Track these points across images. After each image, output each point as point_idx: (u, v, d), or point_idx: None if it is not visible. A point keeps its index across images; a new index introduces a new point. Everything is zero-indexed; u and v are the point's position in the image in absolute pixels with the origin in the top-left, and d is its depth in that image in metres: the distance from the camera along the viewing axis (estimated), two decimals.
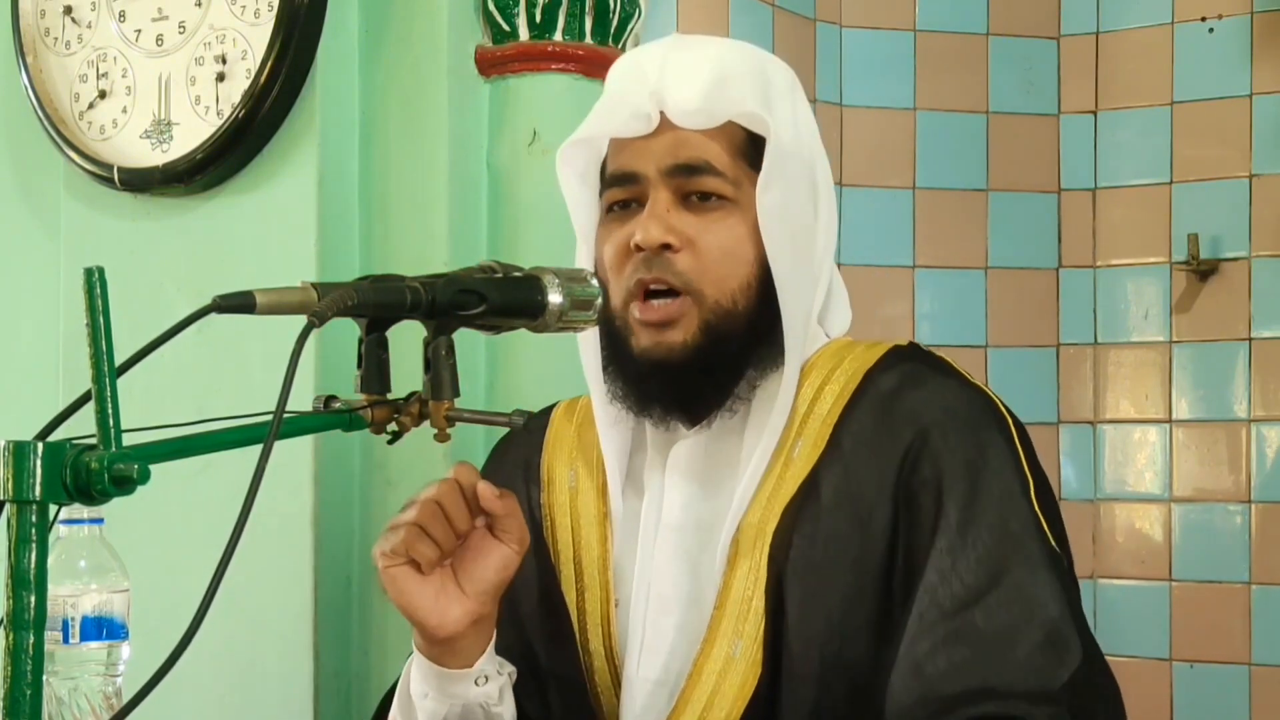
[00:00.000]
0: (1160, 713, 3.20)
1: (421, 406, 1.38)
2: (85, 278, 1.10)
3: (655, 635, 1.54)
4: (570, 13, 2.14)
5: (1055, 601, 1.42)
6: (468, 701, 1.51)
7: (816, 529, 1.49)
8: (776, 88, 1.56)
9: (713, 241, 1.51)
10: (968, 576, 1.41)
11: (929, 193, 3.27)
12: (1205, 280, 3.22)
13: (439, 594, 1.47)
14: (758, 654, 1.48)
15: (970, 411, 1.50)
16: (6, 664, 1.05)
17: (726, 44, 1.63)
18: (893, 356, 1.56)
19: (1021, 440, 1.51)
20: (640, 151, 1.54)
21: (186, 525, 2.06)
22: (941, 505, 1.44)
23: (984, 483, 1.45)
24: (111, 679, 1.40)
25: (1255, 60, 3.20)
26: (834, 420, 1.52)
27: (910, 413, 1.50)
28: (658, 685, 1.53)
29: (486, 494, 1.45)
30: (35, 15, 2.30)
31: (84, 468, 1.07)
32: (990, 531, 1.43)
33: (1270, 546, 3.16)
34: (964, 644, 1.39)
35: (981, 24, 3.32)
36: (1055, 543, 1.46)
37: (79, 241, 2.29)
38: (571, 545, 1.61)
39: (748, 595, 1.49)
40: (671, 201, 1.52)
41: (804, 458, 1.51)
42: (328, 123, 2.13)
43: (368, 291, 1.32)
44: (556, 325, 1.43)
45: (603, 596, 1.58)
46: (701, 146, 1.52)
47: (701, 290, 1.50)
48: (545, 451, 1.66)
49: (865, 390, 1.53)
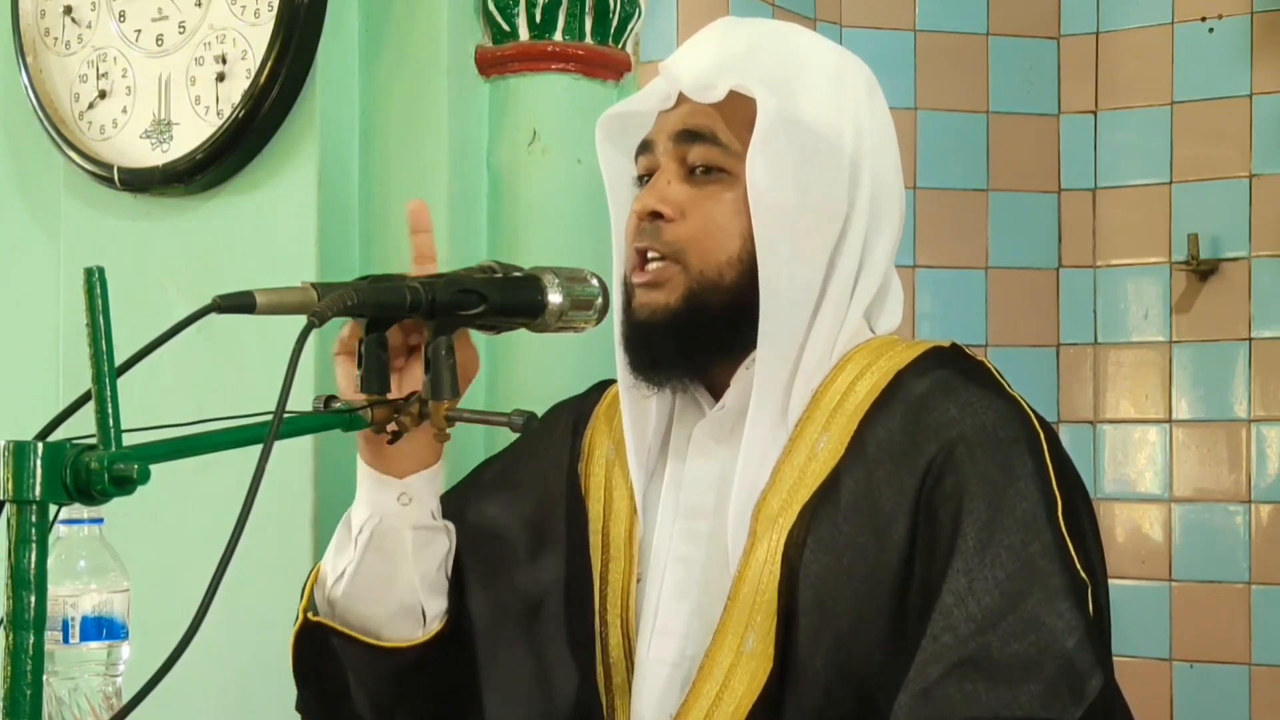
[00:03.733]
0: (1160, 713, 3.20)
1: (421, 406, 1.39)
2: (85, 278, 1.10)
3: (669, 618, 1.53)
4: (570, 13, 2.13)
5: (1071, 634, 1.38)
6: (387, 514, 1.51)
7: (833, 534, 1.46)
8: (809, 68, 1.54)
9: (703, 212, 1.50)
10: (984, 599, 1.38)
11: (929, 193, 3.27)
12: (1205, 280, 3.22)
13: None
14: (770, 650, 1.46)
15: (1000, 427, 1.45)
16: (6, 664, 1.05)
17: (767, 25, 1.62)
18: (929, 359, 1.53)
19: (1054, 457, 1.46)
20: (660, 123, 1.56)
21: (186, 525, 2.05)
22: (960, 525, 1.41)
23: (1007, 503, 1.41)
24: (111, 679, 1.40)
25: (1255, 60, 3.19)
26: (859, 418, 1.49)
27: (937, 425, 1.46)
28: (673, 668, 1.52)
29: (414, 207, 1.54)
30: (35, 15, 2.30)
31: (84, 468, 1.07)
32: (1010, 554, 1.39)
33: (1270, 546, 3.15)
34: (976, 673, 1.36)
35: (981, 24, 3.32)
36: (1083, 568, 1.42)
37: (79, 241, 2.29)
38: (602, 517, 1.60)
39: (762, 587, 1.47)
40: (676, 173, 1.53)
41: (828, 453, 1.49)
42: (328, 123, 2.13)
43: (368, 291, 1.32)
44: (556, 325, 1.43)
45: (626, 569, 1.57)
46: (707, 115, 1.52)
47: (688, 259, 1.50)
48: (593, 422, 1.67)
49: (895, 392, 1.49)
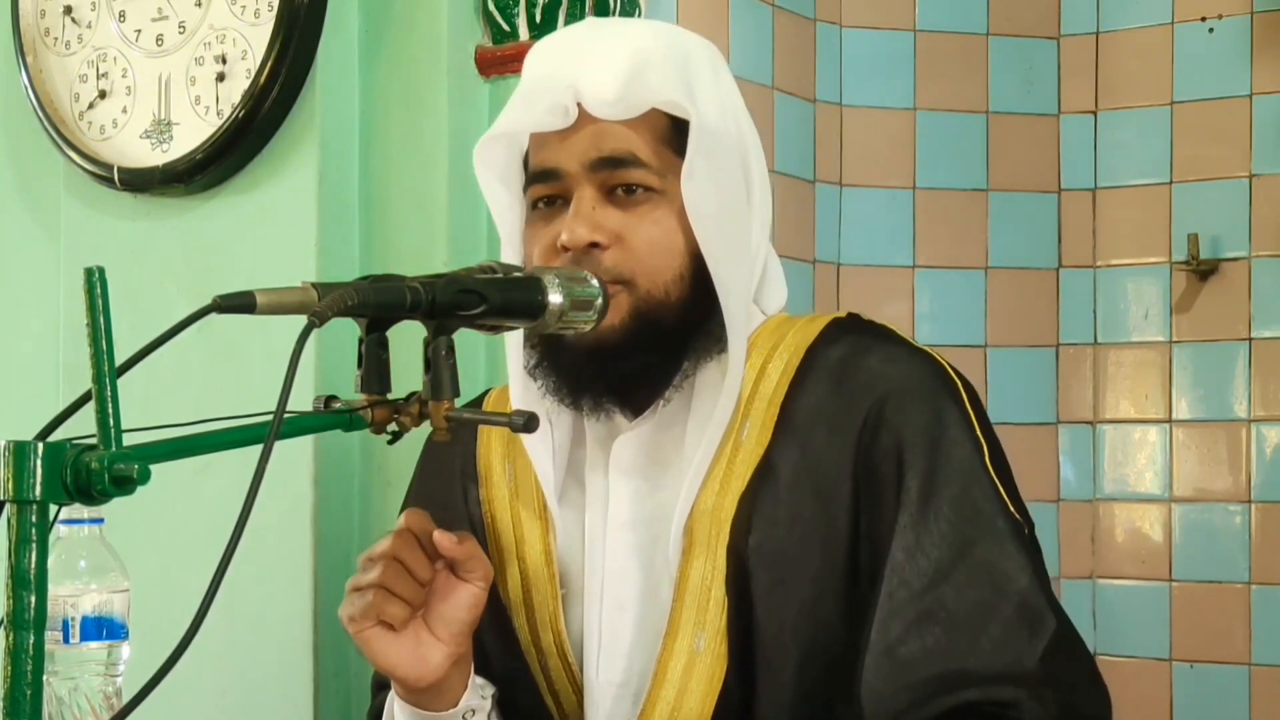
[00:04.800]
0: (1160, 713, 3.19)
1: (421, 406, 1.38)
2: (85, 278, 1.10)
3: (612, 636, 1.51)
4: (570, 13, 2.13)
5: (1023, 573, 1.40)
6: None
7: (777, 511, 1.46)
8: (698, 69, 1.50)
9: (642, 237, 1.47)
10: (934, 551, 1.40)
11: (929, 193, 3.26)
12: (1205, 280, 3.21)
13: (416, 647, 1.45)
14: (722, 646, 1.45)
15: (924, 379, 1.47)
16: (6, 664, 1.05)
17: (644, 26, 1.59)
18: (835, 329, 1.53)
19: (973, 405, 1.48)
20: (561, 146, 1.49)
21: (186, 525, 2.06)
22: (903, 478, 1.42)
23: (943, 453, 1.43)
24: (111, 679, 1.40)
25: (1255, 60, 3.19)
26: (781, 398, 1.49)
27: (865, 383, 1.47)
28: (621, 688, 1.50)
29: (444, 543, 1.43)
30: (35, 15, 2.30)
31: (84, 468, 1.07)
32: (953, 505, 1.41)
33: (1270, 546, 3.15)
34: (936, 625, 1.38)
35: (981, 24, 3.32)
36: (1015, 509, 1.44)
37: (79, 241, 2.29)
38: (514, 541, 1.58)
39: (706, 585, 1.46)
40: (596, 198, 1.47)
41: (754, 440, 1.48)
42: (328, 123, 2.13)
43: (368, 291, 1.32)
44: (556, 325, 1.43)
45: (550, 591, 1.54)
46: (624, 138, 1.47)
47: (633, 280, 1.46)
48: (481, 445, 1.63)
49: (811, 364, 1.49)
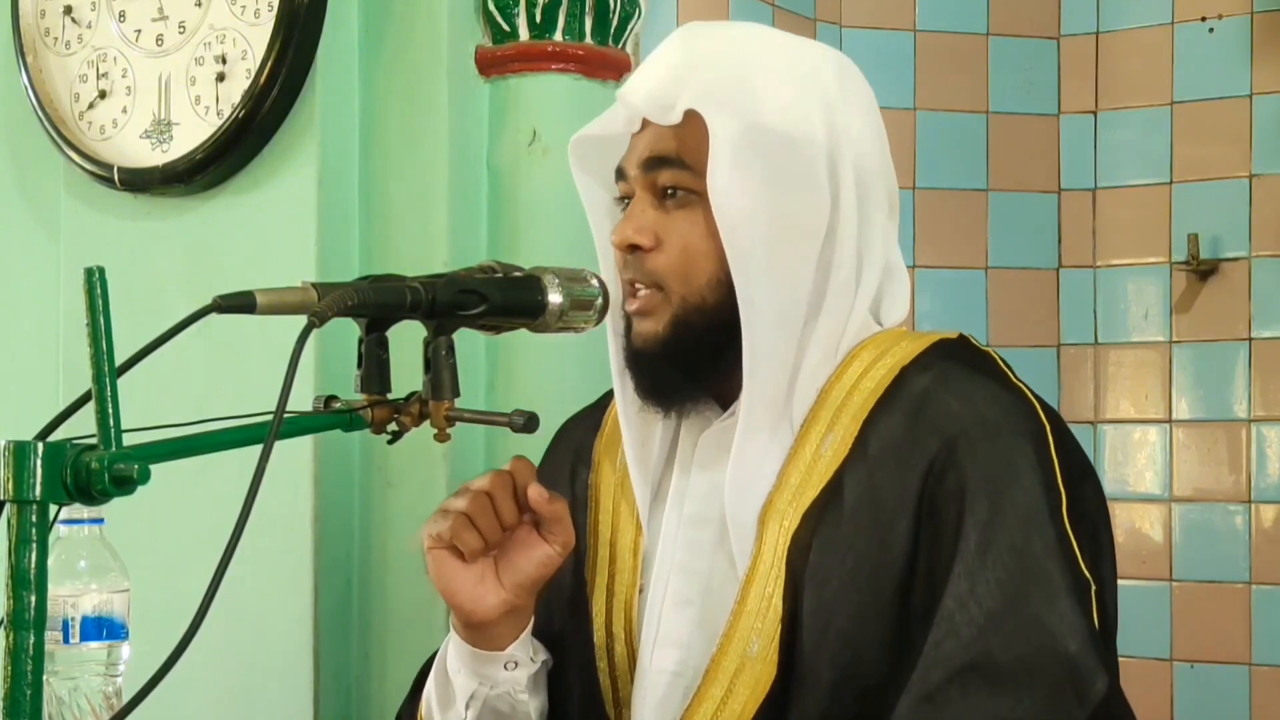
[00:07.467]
0: (1160, 713, 3.20)
1: (421, 406, 1.38)
2: (85, 278, 1.10)
3: (671, 627, 1.53)
4: (570, 13, 2.13)
5: (1075, 635, 1.37)
6: (497, 682, 1.54)
7: (836, 537, 1.45)
8: (765, 71, 1.50)
9: (676, 240, 1.49)
10: (986, 601, 1.37)
11: (929, 193, 3.26)
12: (1205, 280, 3.21)
13: (478, 582, 1.49)
14: (774, 654, 1.46)
15: (1001, 419, 1.44)
16: (6, 664, 1.05)
17: (720, 34, 1.57)
18: (933, 353, 1.51)
19: (1060, 449, 1.44)
20: (631, 147, 1.54)
21: (186, 525, 2.05)
22: (962, 524, 1.39)
23: (1007, 500, 1.40)
24: (111, 679, 1.40)
25: (1255, 60, 3.19)
26: (863, 418, 1.48)
27: (937, 420, 1.44)
28: (674, 677, 1.52)
29: (536, 497, 1.47)
30: (35, 15, 2.30)
31: (84, 468, 1.07)
32: (1011, 554, 1.38)
33: (1270, 546, 3.15)
34: (979, 678, 1.36)
35: (981, 24, 3.32)
36: (1088, 565, 1.40)
37: (79, 241, 2.29)
38: (610, 528, 1.60)
39: (768, 593, 1.46)
40: (650, 200, 1.51)
41: (832, 454, 1.48)
42: (328, 123, 2.13)
43: (368, 291, 1.32)
44: (556, 325, 1.43)
45: (630, 582, 1.57)
46: (668, 139, 1.49)
47: (670, 286, 1.49)
48: (601, 436, 1.66)
49: (899, 389, 1.48)
